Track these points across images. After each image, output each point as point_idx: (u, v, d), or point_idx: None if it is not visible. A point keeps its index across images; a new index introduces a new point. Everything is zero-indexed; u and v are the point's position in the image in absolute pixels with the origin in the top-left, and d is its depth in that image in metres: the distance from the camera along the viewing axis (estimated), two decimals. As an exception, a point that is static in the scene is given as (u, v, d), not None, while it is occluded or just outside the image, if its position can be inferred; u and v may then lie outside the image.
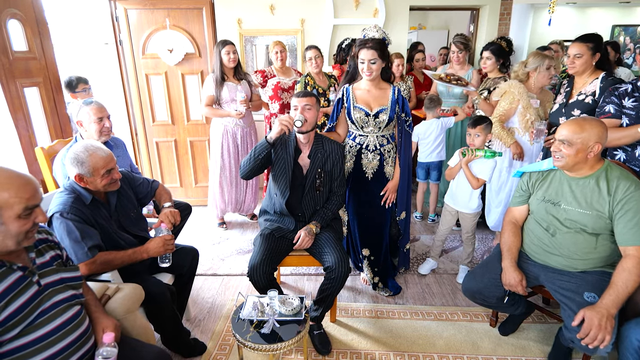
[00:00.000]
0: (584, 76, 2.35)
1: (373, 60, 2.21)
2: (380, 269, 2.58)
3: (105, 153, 1.70)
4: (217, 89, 3.15)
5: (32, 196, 1.15)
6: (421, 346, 2.11)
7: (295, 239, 2.10)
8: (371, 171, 2.42)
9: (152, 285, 1.78)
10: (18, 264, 1.18)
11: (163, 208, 2.02)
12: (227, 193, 3.47)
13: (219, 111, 3.22)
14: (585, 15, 6.05)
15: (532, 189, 1.94)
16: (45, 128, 2.59)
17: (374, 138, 2.38)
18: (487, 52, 3.15)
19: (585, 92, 2.32)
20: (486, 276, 1.97)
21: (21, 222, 1.13)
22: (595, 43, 2.26)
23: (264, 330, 1.61)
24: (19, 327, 1.13)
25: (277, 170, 2.15)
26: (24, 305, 1.15)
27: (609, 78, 2.25)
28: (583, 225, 1.73)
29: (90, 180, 1.67)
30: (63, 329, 1.23)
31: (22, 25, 2.41)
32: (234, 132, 3.31)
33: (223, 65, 3.14)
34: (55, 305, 1.23)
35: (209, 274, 2.83)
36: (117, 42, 3.66)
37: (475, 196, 2.56)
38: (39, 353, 1.17)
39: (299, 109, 2.07)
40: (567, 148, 1.68)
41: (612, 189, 1.67)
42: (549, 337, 2.15)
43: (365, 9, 4.02)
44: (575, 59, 2.31)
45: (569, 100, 2.40)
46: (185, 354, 2.02)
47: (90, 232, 1.64)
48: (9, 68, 2.28)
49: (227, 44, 3.12)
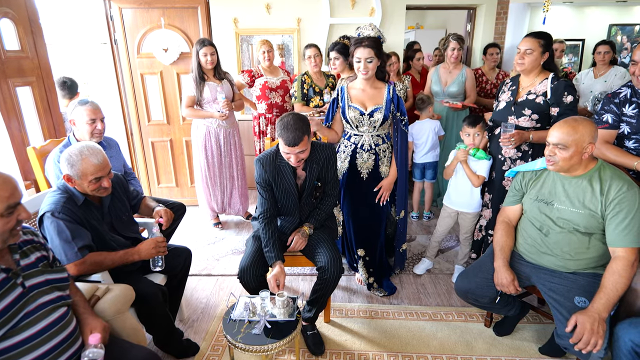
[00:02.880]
0: (531, 75, 2.25)
1: (369, 59, 2.20)
2: (375, 269, 2.57)
3: (98, 160, 1.66)
4: (197, 89, 3.06)
5: (12, 194, 1.14)
6: (415, 347, 2.10)
7: (289, 242, 2.09)
8: (366, 171, 2.41)
9: (144, 285, 1.77)
10: (2, 266, 1.17)
11: (155, 208, 2.01)
12: (212, 194, 3.44)
13: (200, 112, 3.14)
14: (582, 15, 6.05)
15: (525, 189, 1.93)
16: (39, 128, 2.57)
17: (369, 137, 2.37)
18: (334, 52, 3.00)
19: (535, 92, 2.21)
20: (478, 276, 1.96)
21: (4, 221, 1.13)
22: (546, 41, 2.18)
23: (255, 331, 1.60)
24: (2, 330, 1.12)
25: (281, 197, 2.07)
26: (7, 307, 1.13)
27: (560, 79, 2.18)
28: (576, 224, 1.72)
29: (78, 182, 1.66)
30: (49, 331, 1.22)
31: (14, 24, 2.40)
32: (217, 132, 3.24)
33: (201, 65, 3.06)
34: (41, 307, 1.22)
35: (203, 274, 2.82)
36: (112, 41, 3.65)
37: (476, 195, 2.53)
38: (25, 355, 1.16)
39: (292, 158, 1.90)
40: (562, 151, 1.67)
41: (604, 189, 1.66)
42: (543, 337, 2.14)
43: (361, 8, 4.01)
44: (526, 54, 2.19)
45: (517, 99, 2.28)
46: (177, 355, 2.01)
47: (81, 232, 1.63)
48: (1, 68, 2.26)
49: (205, 45, 3.01)
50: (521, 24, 4.39)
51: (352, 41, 2.27)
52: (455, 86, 3.48)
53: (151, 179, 4.06)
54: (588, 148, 1.65)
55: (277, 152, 2.01)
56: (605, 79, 3.48)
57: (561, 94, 2.12)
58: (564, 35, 5.36)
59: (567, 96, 2.12)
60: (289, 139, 1.82)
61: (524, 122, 2.24)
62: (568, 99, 2.12)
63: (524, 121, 2.23)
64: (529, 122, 2.22)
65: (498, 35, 4.36)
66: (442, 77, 3.55)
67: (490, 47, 3.83)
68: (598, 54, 3.52)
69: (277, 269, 1.88)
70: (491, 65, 3.84)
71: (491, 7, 4.26)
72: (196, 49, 3.03)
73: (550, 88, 2.16)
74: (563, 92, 2.12)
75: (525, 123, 2.23)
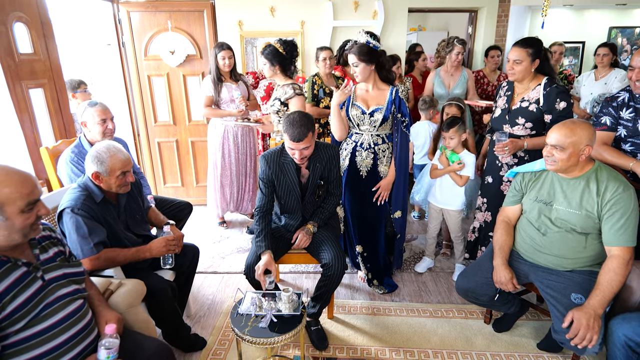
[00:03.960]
0: (524, 82, 2.24)
1: (355, 63, 2.31)
2: (373, 266, 2.62)
3: (124, 156, 1.78)
4: (215, 90, 3.19)
5: (32, 191, 1.20)
6: (416, 342, 2.16)
7: (293, 239, 2.15)
8: (365, 169, 2.48)
9: (154, 281, 1.83)
10: (23, 260, 1.23)
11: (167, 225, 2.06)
12: (228, 192, 3.52)
13: (219, 111, 3.26)
14: (582, 17, 6.08)
15: (525, 189, 1.98)
16: (50, 128, 2.64)
17: (369, 137, 2.44)
18: (262, 58, 2.83)
19: (528, 99, 2.21)
20: (478, 275, 2.02)
21: (25, 216, 1.19)
22: (534, 49, 2.15)
23: (262, 325, 1.66)
24: (24, 320, 1.18)
25: (284, 194, 2.15)
26: (28, 299, 1.20)
27: (552, 85, 2.16)
28: (573, 224, 1.77)
29: (105, 179, 1.74)
30: (66, 322, 1.28)
31: (28, 28, 2.47)
32: (235, 131, 3.36)
33: (219, 68, 3.17)
34: (59, 299, 1.29)
35: (209, 271, 2.88)
36: (120, 44, 3.72)
37: (458, 192, 2.63)
38: (44, 344, 1.22)
39: (296, 154, 1.98)
40: (560, 152, 1.71)
41: (601, 190, 1.71)
42: (542, 333, 2.19)
43: (364, 11, 4.06)
44: (515, 64, 2.18)
45: (512, 106, 2.29)
46: (185, 349, 2.07)
47: (98, 229, 1.71)
48: (14, 70, 2.33)
49: (224, 49, 3.13)
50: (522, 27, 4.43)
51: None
52: (459, 88, 3.53)
53: (157, 179, 4.13)
54: (585, 150, 1.69)
55: (282, 149, 2.09)
56: (606, 82, 3.52)
57: (553, 100, 2.13)
58: (564, 38, 5.39)
59: (560, 102, 2.12)
60: (294, 134, 1.90)
61: (518, 131, 2.26)
62: (561, 106, 2.12)
63: (518, 130, 2.25)
64: (523, 130, 2.24)
65: (499, 37, 4.41)
66: (445, 80, 3.59)
67: (491, 50, 3.89)
68: (598, 57, 3.57)
69: (267, 257, 1.96)
70: (492, 67, 3.90)
71: (492, 10, 4.31)
72: (215, 52, 3.14)
73: (542, 95, 2.16)
74: (555, 98, 2.13)
75: (520, 131, 2.26)
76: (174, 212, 2.51)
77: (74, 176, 2.16)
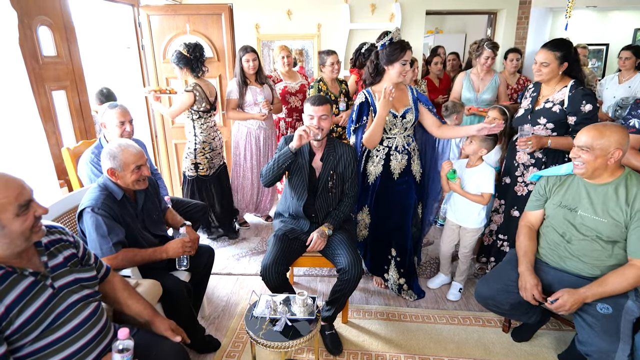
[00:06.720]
0: (551, 83, 2.22)
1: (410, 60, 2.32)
2: (406, 270, 2.56)
3: (136, 150, 1.81)
4: (239, 93, 3.21)
5: (20, 193, 1.14)
6: (432, 349, 2.11)
7: (308, 241, 2.14)
8: (398, 171, 2.44)
9: (170, 282, 1.85)
10: (29, 270, 1.19)
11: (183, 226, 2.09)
12: (248, 194, 3.53)
13: (242, 114, 3.27)
14: (606, 19, 5.93)
15: (549, 194, 1.92)
16: (71, 129, 2.70)
17: (402, 139, 2.40)
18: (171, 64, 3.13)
19: (553, 100, 2.18)
20: (499, 282, 1.95)
21: (21, 220, 1.14)
22: (563, 52, 2.11)
23: (277, 328, 1.65)
24: (36, 331, 1.15)
25: (294, 175, 2.19)
26: (39, 309, 1.17)
27: (578, 87, 2.12)
28: (599, 232, 1.71)
29: (121, 174, 1.77)
30: (81, 328, 1.26)
31: (52, 32, 2.53)
32: (257, 134, 3.36)
33: (244, 71, 3.19)
34: (72, 306, 1.26)
35: (224, 273, 2.89)
36: (140, 46, 3.79)
37: (477, 210, 2.45)
38: (59, 352, 1.20)
39: (315, 119, 2.09)
40: (586, 154, 1.66)
41: (630, 198, 1.65)
42: (562, 344, 2.12)
43: (381, 13, 4.05)
44: (542, 67, 2.16)
45: (535, 107, 2.27)
46: (199, 350, 2.08)
47: (117, 228, 1.73)
48: (39, 72, 2.39)
49: (248, 51, 3.14)
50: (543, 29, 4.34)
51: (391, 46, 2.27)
52: (489, 93, 3.38)
53: (174, 180, 4.17)
54: (615, 154, 1.63)
55: None
56: (630, 85, 3.42)
57: (579, 102, 2.09)
58: (588, 40, 5.27)
59: (586, 105, 2.08)
60: (315, 100, 2.10)
61: (539, 131, 2.23)
62: (587, 108, 2.08)
63: (539, 130, 2.23)
64: (544, 130, 2.21)
65: (519, 40, 4.34)
66: (475, 83, 3.44)
67: (511, 52, 3.80)
68: (620, 60, 3.47)
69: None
70: (511, 70, 3.82)
71: (512, 12, 4.24)
72: (239, 55, 3.17)
73: (568, 96, 2.13)
74: (581, 100, 2.08)
75: (541, 132, 2.22)
76: (190, 213, 2.53)
77: (93, 176, 2.21)
